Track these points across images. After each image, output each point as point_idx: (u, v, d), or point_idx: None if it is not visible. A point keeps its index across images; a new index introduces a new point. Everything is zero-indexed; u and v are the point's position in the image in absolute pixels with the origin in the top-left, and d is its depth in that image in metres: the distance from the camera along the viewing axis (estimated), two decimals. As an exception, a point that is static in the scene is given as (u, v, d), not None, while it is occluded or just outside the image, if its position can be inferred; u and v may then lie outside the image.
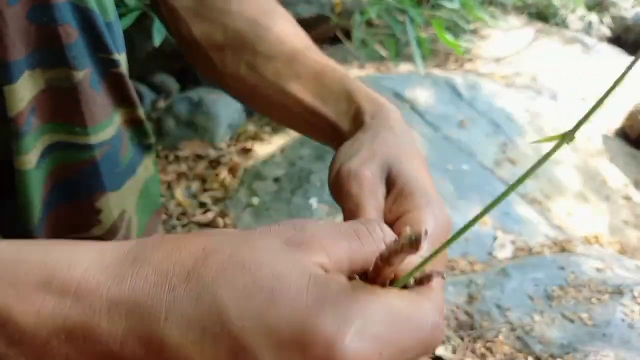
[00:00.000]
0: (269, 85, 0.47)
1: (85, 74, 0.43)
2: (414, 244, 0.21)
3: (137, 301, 0.21)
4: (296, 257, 0.22)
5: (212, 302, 0.20)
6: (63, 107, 0.43)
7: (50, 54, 0.41)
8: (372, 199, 0.34)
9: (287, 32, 0.50)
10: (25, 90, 0.40)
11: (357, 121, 0.43)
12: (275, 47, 0.48)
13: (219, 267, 0.21)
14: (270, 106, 0.50)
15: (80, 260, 0.23)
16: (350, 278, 0.24)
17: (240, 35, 0.49)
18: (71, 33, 0.41)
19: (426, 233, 0.21)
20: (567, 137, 0.22)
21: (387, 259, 0.22)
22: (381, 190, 0.36)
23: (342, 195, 0.36)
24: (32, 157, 0.42)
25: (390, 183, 0.36)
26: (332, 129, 0.45)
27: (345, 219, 0.35)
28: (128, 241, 0.25)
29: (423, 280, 0.25)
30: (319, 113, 0.45)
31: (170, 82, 1.88)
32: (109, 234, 0.51)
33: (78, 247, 0.24)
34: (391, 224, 0.34)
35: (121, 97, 0.48)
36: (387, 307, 0.22)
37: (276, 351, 0.19)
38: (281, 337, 0.19)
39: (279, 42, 0.48)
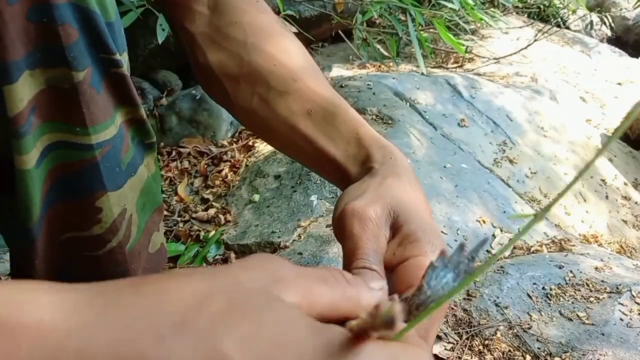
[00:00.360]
0: (280, 121, 0.47)
1: (86, 74, 0.43)
2: (389, 324, 0.20)
3: (118, 353, 0.18)
4: (287, 300, 0.22)
5: (214, 352, 0.19)
6: (63, 107, 0.44)
7: (50, 53, 0.41)
8: (373, 241, 0.34)
9: (299, 64, 0.49)
10: (25, 90, 0.40)
11: (366, 166, 0.43)
12: (288, 83, 0.48)
13: (217, 316, 0.20)
14: (280, 141, 0.50)
15: (34, 302, 0.19)
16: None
17: (255, 68, 0.49)
18: (71, 33, 0.41)
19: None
20: (538, 217, 0.24)
21: (364, 330, 0.22)
22: (384, 233, 0.35)
23: (344, 234, 0.35)
24: (32, 156, 0.43)
25: (396, 228, 0.36)
26: (340, 172, 0.45)
27: (345, 258, 0.35)
28: (92, 284, 0.22)
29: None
30: (328, 154, 0.45)
31: (172, 79, 1.88)
32: (109, 233, 0.51)
33: (30, 286, 0.20)
34: (394, 267, 0.34)
35: (122, 97, 0.49)
36: (392, 356, 0.22)
37: None
38: None
39: (292, 78, 0.48)
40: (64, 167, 0.46)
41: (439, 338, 0.91)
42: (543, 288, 1.05)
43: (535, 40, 2.75)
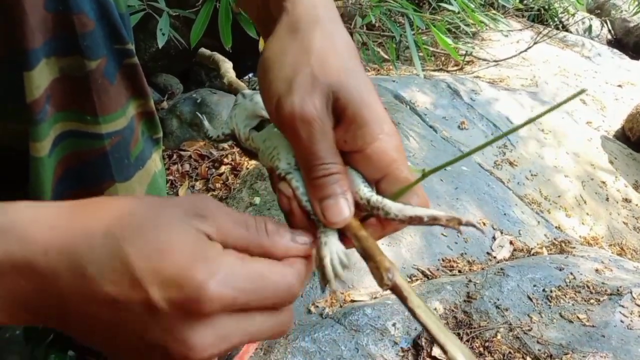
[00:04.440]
0: None
1: (99, 64, 0.45)
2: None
3: (69, 249, 0.27)
4: (191, 224, 0.29)
5: (122, 255, 0.27)
6: (75, 96, 0.45)
7: (64, 42, 0.42)
8: (323, 140, 0.33)
9: None
10: (41, 77, 0.42)
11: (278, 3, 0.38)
12: None
13: (129, 231, 0.28)
14: None
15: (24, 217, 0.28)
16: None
17: None
18: (86, 22, 0.43)
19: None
20: (425, 174, 0.31)
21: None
22: (329, 124, 0.33)
23: (292, 139, 0.34)
24: (45, 144, 0.44)
25: (339, 112, 0.34)
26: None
27: (300, 162, 0.34)
28: (63, 202, 0.30)
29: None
30: None
31: (173, 83, 1.89)
32: None
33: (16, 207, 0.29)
34: (348, 153, 0.34)
35: (135, 88, 0.50)
36: (249, 268, 0.29)
37: (162, 288, 0.27)
38: (167, 281, 0.27)
39: None
40: (74, 156, 0.47)
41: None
42: (543, 290, 1.05)
43: (535, 43, 2.76)
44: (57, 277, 0.27)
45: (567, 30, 3.56)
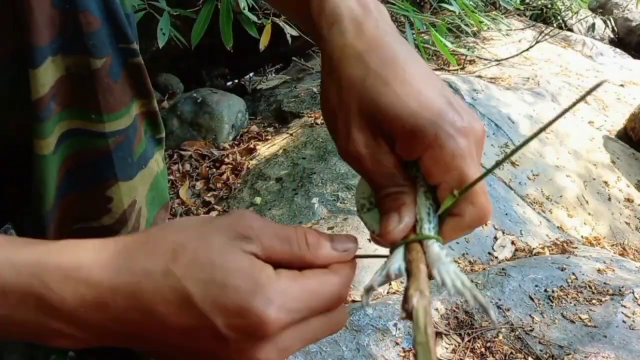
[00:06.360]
0: None
1: (104, 62, 0.45)
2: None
3: (135, 294, 0.30)
4: (239, 248, 0.30)
5: (184, 292, 0.29)
6: (80, 94, 0.45)
7: (70, 40, 0.43)
8: (378, 170, 0.34)
9: None
10: (47, 75, 0.42)
11: (316, 28, 0.37)
12: None
13: (186, 267, 0.30)
14: None
15: (84, 260, 0.31)
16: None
17: None
18: (92, 21, 0.43)
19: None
20: (461, 191, 0.32)
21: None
22: (382, 150, 0.33)
23: (357, 171, 0.36)
24: (50, 141, 0.44)
25: (387, 131, 0.33)
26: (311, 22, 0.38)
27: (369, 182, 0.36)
28: (118, 239, 0.32)
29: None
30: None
31: (174, 82, 1.89)
32: (118, 223, 0.52)
33: (78, 248, 0.31)
34: (417, 158, 0.33)
35: (139, 88, 0.50)
36: (301, 287, 0.31)
37: (226, 318, 0.29)
38: (230, 312, 0.29)
39: None
40: (79, 154, 0.47)
41: (440, 339, 0.91)
42: (545, 290, 1.05)
43: (537, 42, 2.75)
44: (128, 319, 0.30)
45: (569, 30, 3.55)
